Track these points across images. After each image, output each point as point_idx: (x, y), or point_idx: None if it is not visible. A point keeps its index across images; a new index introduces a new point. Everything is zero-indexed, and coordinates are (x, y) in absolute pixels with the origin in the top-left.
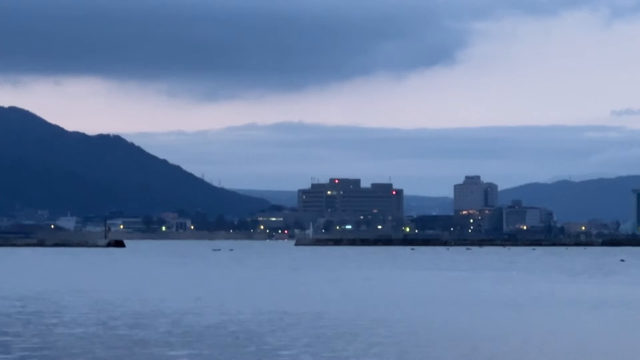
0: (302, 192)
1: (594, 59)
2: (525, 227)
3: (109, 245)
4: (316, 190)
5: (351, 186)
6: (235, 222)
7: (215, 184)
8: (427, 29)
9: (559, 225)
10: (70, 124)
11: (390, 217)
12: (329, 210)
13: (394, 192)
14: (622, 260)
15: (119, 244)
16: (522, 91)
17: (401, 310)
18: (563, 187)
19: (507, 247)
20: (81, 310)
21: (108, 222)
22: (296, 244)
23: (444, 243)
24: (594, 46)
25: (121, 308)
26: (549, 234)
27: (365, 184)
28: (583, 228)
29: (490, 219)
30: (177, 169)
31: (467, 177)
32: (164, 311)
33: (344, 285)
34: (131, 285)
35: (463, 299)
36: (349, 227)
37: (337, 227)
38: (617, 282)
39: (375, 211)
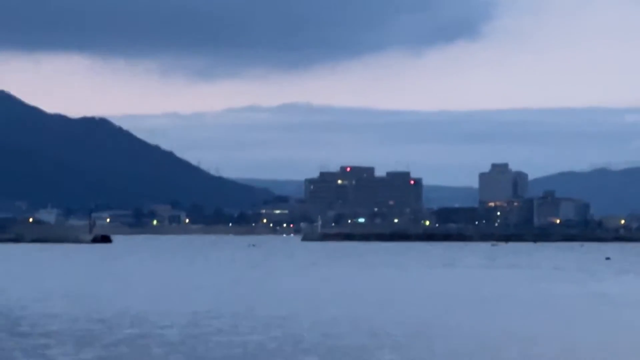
0: (310, 181)
1: (634, 33)
2: (558, 221)
3: (94, 240)
4: (325, 179)
5: (364, 175)
6: (235, 215)
7: (213, 172)
8: (448, 0)
9: (596, 218)
10: (50, 106)
11: (407, 210)
12: (340, 201)
13: (412, 182)
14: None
15: (106, 239)
16: (555, 69)
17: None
18: (601, 176)
19: (537, 243)
20: None
21: (93, 215)
22: (303, 240)
23: (468, 238)
24: (634, 19)
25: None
26: (585, 229)
27: (380, 172)
28: (623, 222)
29: (519, 212)
30: (170, 155)
31: (493, 165)
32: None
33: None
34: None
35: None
36: (361, 220)
37: (349, 221)
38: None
39: (391, 203)
